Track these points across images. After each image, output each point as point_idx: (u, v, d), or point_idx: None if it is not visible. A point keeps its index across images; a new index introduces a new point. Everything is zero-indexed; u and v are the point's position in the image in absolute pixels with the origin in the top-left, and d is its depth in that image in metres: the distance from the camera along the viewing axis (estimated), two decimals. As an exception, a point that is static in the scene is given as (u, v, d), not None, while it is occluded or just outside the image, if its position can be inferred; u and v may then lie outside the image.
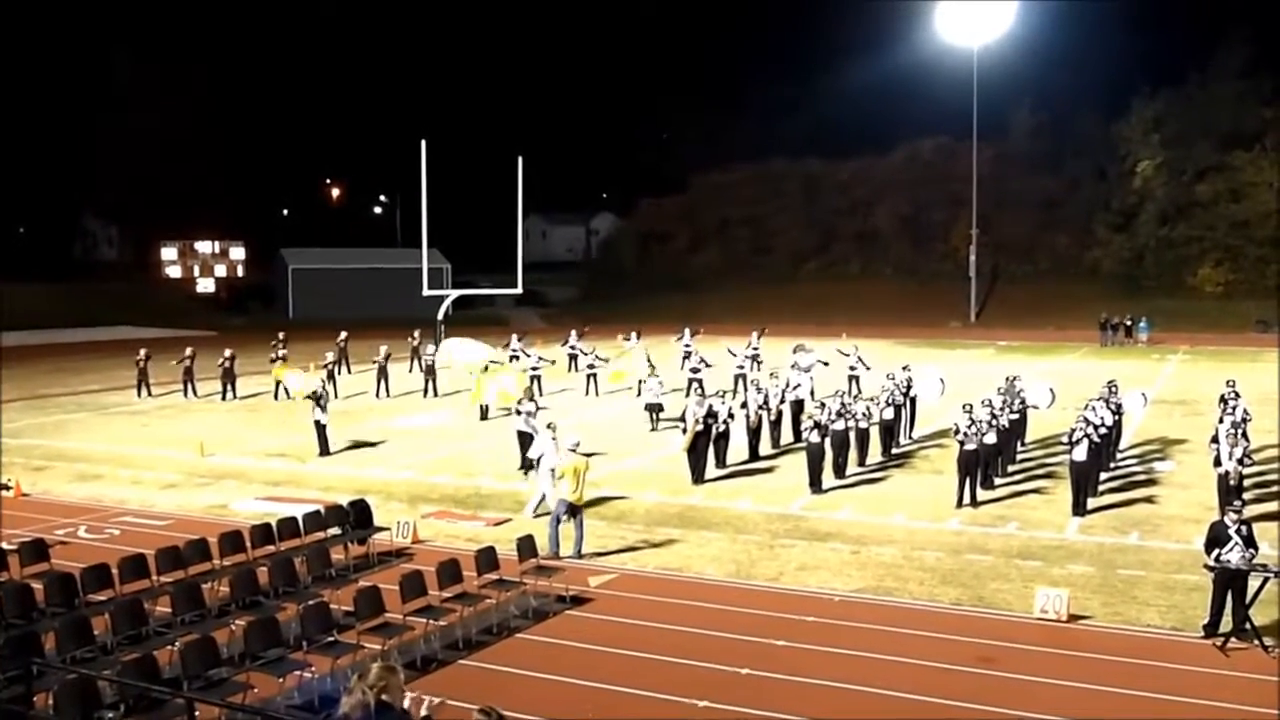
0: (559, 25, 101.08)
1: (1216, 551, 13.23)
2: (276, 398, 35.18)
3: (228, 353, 36.35)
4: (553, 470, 18.48)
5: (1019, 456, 24.25)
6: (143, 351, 37.48)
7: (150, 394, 36.39)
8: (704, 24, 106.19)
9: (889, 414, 25.13)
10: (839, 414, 22.58)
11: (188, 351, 37.11)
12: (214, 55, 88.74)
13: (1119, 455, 24.40)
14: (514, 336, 43.28)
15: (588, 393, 36.13)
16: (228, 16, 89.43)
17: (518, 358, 41.56)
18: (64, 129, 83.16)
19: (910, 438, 27.13)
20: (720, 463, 23.49)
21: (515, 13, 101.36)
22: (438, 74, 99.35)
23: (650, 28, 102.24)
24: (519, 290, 57.78)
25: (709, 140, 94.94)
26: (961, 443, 20.21)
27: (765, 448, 25.40)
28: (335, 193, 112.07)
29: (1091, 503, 19.85)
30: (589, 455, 17.94)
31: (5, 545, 15.86)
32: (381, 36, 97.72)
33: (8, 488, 21.54)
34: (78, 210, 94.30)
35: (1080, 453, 19.23)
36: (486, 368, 32.79)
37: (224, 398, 35.61)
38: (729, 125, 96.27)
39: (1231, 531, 13.20)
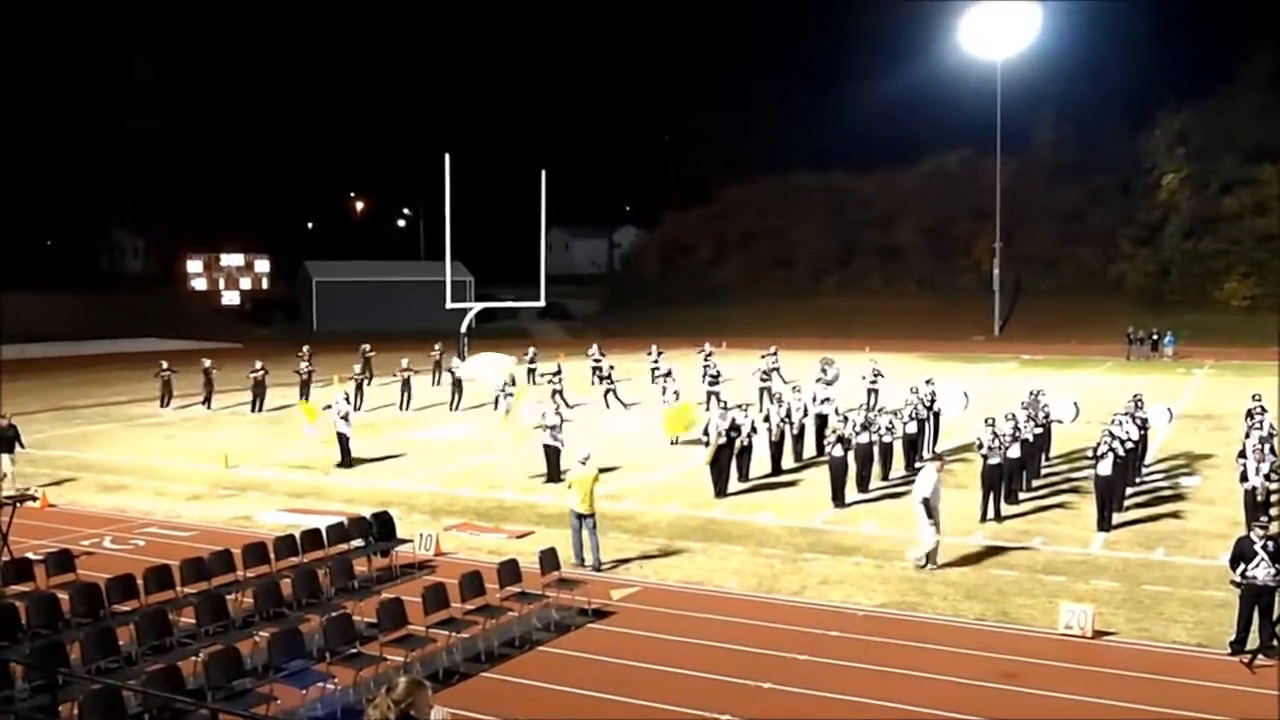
0: (581, 38, 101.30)
1: (1243, 567, 13.12)
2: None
3: (259, 364, 36.75)
4: (927, 502, 16.70)
5: (1043, 471, 24.10)
6: (164, 363, 37.85)
7: (169, 404, 36.72)
8: (726, 36, 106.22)
9: (912, 428, 25.05)
10: (863, 427, 22.54)
11: (207, 363, 37.48)
12: (239, 70, 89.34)
13: (1144, 470, 24.23)
14: (531, 351, 43.87)
15: (608, 406, 36.18)
16: (253, 31, 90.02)
17: (534, 371, 42.04)
18: (90, 142, 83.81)
19: (934, 452, 26.99)
20: (743, 476, 23.47)
21: (537, 27, 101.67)
22: (461, 88, 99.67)
23: (672, 40, 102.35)
24: (542, 303, 57.93)
25: (731, 152, 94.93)
26: (985, 457, 20.14)
27: (788, 461, 25.35)
28: (359, 206, 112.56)
29: (1117, 518, 19.70)
30: (606, 470, 17.95)
31: (31, 555, 15.99)
32: (405, 51, 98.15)
33: (34, 498, 21.68)
34: (104, 223, 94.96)
35: (1105, 467, 19.12)
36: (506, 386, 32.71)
37: (254, 409, 36.00)
38: (751, 137, 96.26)
39: (1258, 547, 13.08)
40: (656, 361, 41.51)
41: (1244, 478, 18.86)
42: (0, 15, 73.39)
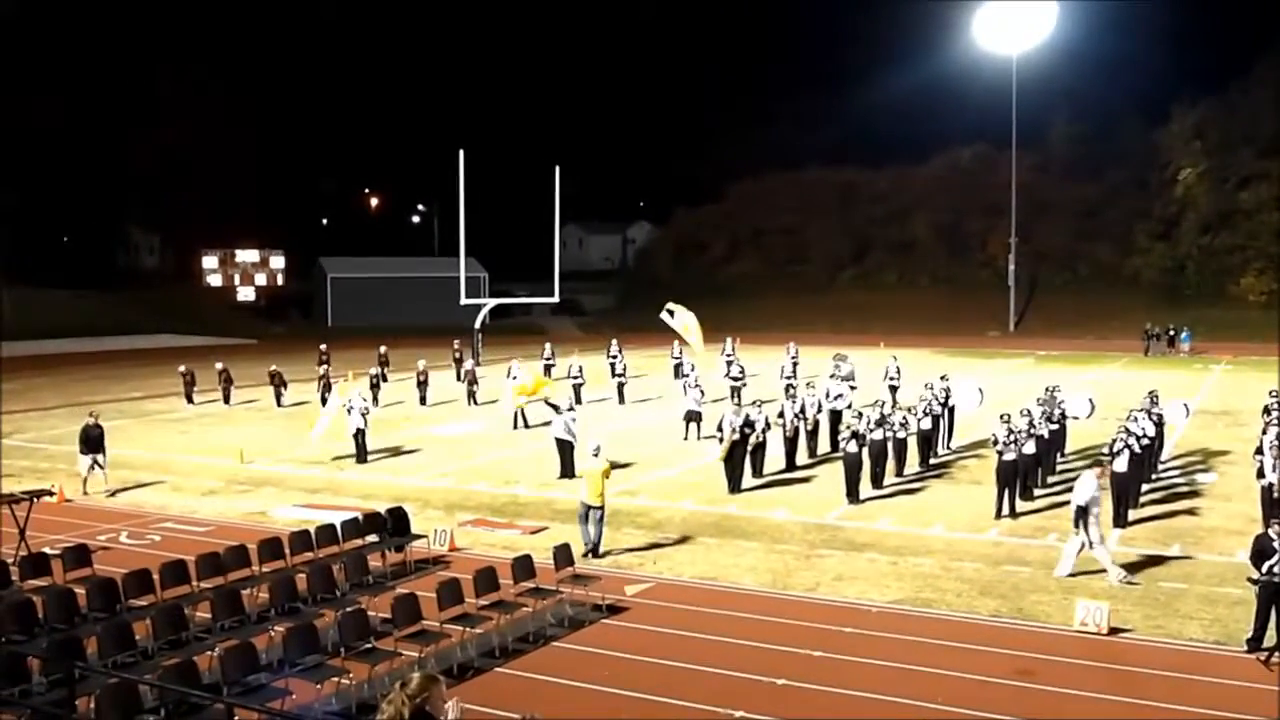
0: (595, 36, 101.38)
1: (1265, 565, 13.04)
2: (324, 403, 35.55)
3: (273, 368, 37.08)
4: (1084, 510, 15.82)
5: (1059, 467, 24.00)
6: (183, 366, 38.17)
7: (192, 402, 36.95)
8: (740, 32, 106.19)
9: (927, 424, 24.99)
10: (877, 424, 22.49)
11: (219, 365, 37.81)
12: (255, 66, 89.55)
13: (1161, 466, 24.14)
14: (547, 345, 44.00)
15: (621, 401, 36.27)
16: (269, 28, 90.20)
17: (551, 367, 42.10)
18: (107, 139, 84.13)
19: (948, 448, 26.95)
20: (757, 472, 23.44)
21: (552, 24, 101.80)
22: (476, 85, 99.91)
23: (686, 37, 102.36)
24: (556, 299, 57.93)
25: (745, 149, 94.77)
26: (1000, 453, 20.08)
27: (802, 457, 25.31)
28: (374, 202, 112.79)
29: (1133, 514, 19.65)
30: (621, 465, 17.96)
31: (49, 551, 16.08)
32: (420, 48, 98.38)
33: (51, 494, 21.77)
34: (121, 219, 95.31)
35: (1121, 464, 19.07)
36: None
37: (278, 403, 36.50)
38: (765, 134, 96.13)
39: (1276, 544, 13.00)
40: (679, 357, 41.51)
41: (1261, 474, 18.77)
42: (24, 21, 74.18)
